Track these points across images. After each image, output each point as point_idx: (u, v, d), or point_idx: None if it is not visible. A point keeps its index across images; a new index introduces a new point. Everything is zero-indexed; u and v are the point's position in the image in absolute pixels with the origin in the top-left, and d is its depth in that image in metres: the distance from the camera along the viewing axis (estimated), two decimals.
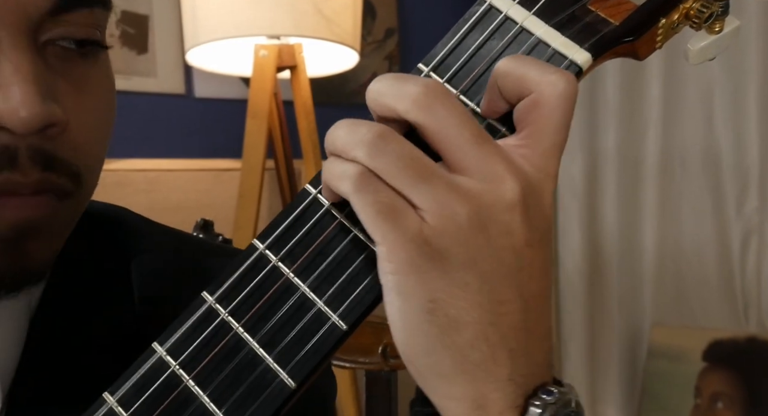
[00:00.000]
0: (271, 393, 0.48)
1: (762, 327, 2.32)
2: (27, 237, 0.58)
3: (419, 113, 0.47)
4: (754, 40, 2.30)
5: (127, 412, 0.49)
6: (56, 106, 0.57)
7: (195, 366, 0.49)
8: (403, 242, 0.46)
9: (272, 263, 0.50)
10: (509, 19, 0.51)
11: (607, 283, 2.49)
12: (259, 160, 1.96)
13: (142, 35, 2.30)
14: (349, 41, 1.96)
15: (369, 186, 0.47)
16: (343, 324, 0.48)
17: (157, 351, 0.50)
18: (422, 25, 2.74)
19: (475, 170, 0.47)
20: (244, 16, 1.86)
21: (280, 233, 0.50)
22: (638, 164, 2.47)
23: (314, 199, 0.51)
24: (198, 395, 0.49)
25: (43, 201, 0.58)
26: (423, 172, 0.47)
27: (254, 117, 1.97)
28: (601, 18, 0.51)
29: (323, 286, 0.49)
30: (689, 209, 2.44)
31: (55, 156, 0.59)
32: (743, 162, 2.36)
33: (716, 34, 0.53)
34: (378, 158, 0.47)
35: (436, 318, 0.47)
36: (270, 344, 0.49)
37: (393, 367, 1.19)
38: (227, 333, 0.49)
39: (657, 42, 0.53)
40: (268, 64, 1.96)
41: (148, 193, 2.23)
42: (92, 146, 0.63)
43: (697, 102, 2.41)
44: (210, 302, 0.50)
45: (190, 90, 2.38)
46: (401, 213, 0.46)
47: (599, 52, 0.50)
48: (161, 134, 2.32)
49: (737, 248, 2.39)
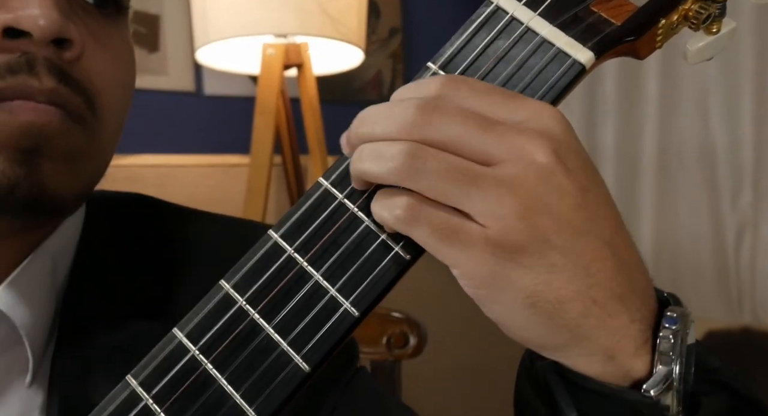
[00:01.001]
0: (286, 376, 0.49)
1: (755, 317, 2.33)
2: (41, 151, 0.58)
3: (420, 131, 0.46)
4: (748, 41, 2.30)
5: (149, 394, 0.50)
6: (73, 26, 0.59)
7: (213, 350, 0.50)
8: (476, 258, 0.46)
9: (287, 253, 0.51)
10: (515, 20, 0.51)
11: None
12: (266, 156, 1.95)
13: (153, 34, 2.30)
14: (354, 40, 1.96)
15: (421, 215, 0.46)
16: (355, 311, 0.49)
17: (177, 337, 0.51)
18: (425, 25, 2.74)
19: (502, 154, 0.46)
20: (252, 16, 1.86)
21: (294, 224, 0.51)
22: (636, 160, 2.47)
23: (327, 191, 0.51)
24: (216, 378, 0.50)
25: (56, 112, 0.59)
26: (467, 178, 0.45)
27: (262, 114, 1.97)
28: (603, 19, 0.51)
29: (336, 274, 0.50)
30: (685, 203, 2.44)
31: (70, 74, 0.60)
32: (738, 158, 2.36)
33: (714, 35, 0.53)
34: (418, 179, 0.46)
35: (539, 308, 0.46)
36: (285, 330, 0.50)
37: (397, 357, 1.19)
38: (244, 320, 0.50)
39: (657, 42, 0.53)
40: (276, 63, 1.96)
41: (159, 188, 2.22)
42: (108, 88, 0.64)
43: (693, 100, 2.41)
44: (227, 289, 0.51)
45: (199, 88, 2.38)
46: (461, 231, 0.45)
47: (602, 52, 0.50)
48: (172, 131, 2.32)
49: (732, 242, 2.39)
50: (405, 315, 1.19)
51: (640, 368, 0.48)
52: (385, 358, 1.19)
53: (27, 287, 0.65)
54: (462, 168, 0.46)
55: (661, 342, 0.48)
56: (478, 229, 0.45)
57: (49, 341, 0.67)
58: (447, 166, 0.45)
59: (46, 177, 0.59)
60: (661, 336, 0.48)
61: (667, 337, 0.48)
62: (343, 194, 0.51)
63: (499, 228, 0.45)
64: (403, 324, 1.19)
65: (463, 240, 0.45)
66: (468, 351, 2.38)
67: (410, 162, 0.45)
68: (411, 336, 1.19)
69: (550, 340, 0.48)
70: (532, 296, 0.46)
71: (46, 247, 0.68)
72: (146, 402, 0.50)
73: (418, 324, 1.20)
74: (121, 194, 0.79)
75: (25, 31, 0.57)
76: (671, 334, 0.48)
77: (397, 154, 0.46)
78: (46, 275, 0.67)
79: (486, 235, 0.45)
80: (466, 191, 0.45)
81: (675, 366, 0.48)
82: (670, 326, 0.48)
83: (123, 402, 0.51)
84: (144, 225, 0.77)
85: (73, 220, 0.71)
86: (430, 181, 0.45)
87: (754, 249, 2.36)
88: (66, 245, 0.70)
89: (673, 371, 0.48)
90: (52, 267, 0.68)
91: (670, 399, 0.48)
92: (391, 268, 0.49)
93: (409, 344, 1.19)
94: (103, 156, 0.66)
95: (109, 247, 0.73)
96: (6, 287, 0.64)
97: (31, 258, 0.66)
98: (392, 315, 1.19)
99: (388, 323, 1.19)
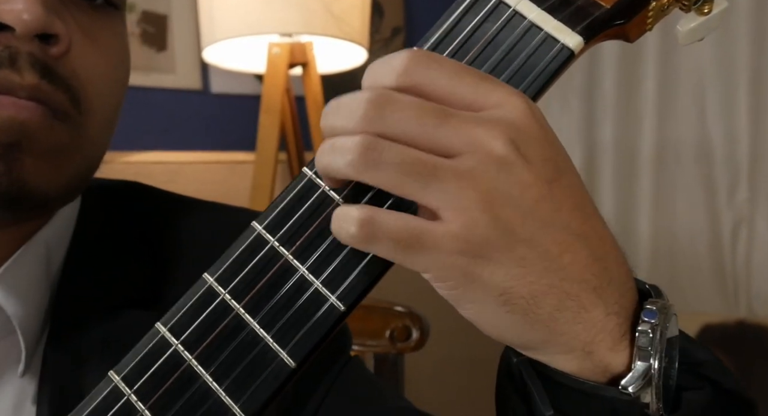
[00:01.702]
0: (272, 372, 0.47)
1: (751, 311, 2.32)
2: (21, 147, 0.57)
3: (373, 126, 0.44)
4: (744, 38, 2.29)
5: (131, 389, 0.49)
6: (60, 22, 0.58)
7: (197, 345, 0.48)
8: (444, 260, 0.44)
9: (271, 244, 0.49)
10: (503, 3, 0.49)
11: None
12: (272, 153, 1.95)
13: (161, 34, 2.29)
14: (358, 39, 1.96)
15: (377, 233, 0.44)
16: (341, 305, 0.47)
17: (160, 331, 0.49)
18: (427, 24, 2.71)
19: (459, 145, 0.43)
20: (257, 16, 1.86)
21: (278, 215, 0.49)
22: (634, 156, 2.46)
23: (311, 181, 0.49)
24: (201, 374, 0.48)
25: (37, 109, 0.57)
26: (426, 170, 0.43)
27: (267, 112, 1.96)
28: (592, 1, 0.49)
29: (321, 267, 0.48)
30: (682, 199, 2.43)
31: (54, 70, 0.58)
32: (734, 154, 2.35)
33: (705, 16, 0.51)
34: (377, 172, 0.44)
35: (514, 305, 0.45)
36: (270, 324, 0.48)
37: (400, 350, 1.19)
38: (228, 314, 0.48)
39: (647, 24, 0.51)
40: (281, 61, 1.95)
41: (167, 184, 2.21)
42: (96, 83, 0.62)
43: (690, 97, 2.40)
44: (211, 283, 0.49)
45: (206, 86, 2.38)
46: (424, 234, 0.43)
47: (591, 36, 0.48)
48: (179, 128, 2.32)
49: (728, 237, 2.38)
50: (407, 309, 1.19)
51: (619, 363, 0.47)
52: (388, 351, 1.19)
53: (20, 278, 0.64)
54: (420, 160, 0.43)
55: (640, 337, 0.46)
56: (441, 228, 0.43)
57: (43, 331, 0.66)
58: (404, 158, 0.43)
59: (27, 174, 0.58)
60: (639, 330, 0.46)
61: (645, 331, 0.46)
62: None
63: (463, 222, 0.43)
64: (406, 317, 1.19)
65: (428, 244, 0.43)
66: (470, 344, 2.38)
67: (366, 154, 0.43)
68: (413, 330, 1.18)
69: (528, 337, 0.47)
70: (505, 294, 0.44)
71: (39, 237, 0.66)
72: (128, 398, 0.49)
73: (421, 317, 1.19)
74: (114, 182, 0.78)
75: (8, 25, 0.56)
76: (650, 328, 0.46)
77: (352, 147, 0.44)
78: (39, 265, 0.66)
79: (450, 231, 0.43)
80: (426, 184, 0.43)
81: (654, 362, 0.46)
82: (649, 319, 0.46)
83: (106, 398, 0.49)
84: (137, 214, 0.75)
85: (68, 210, 0.70)
86: (387, 173, 0.43)
87: (750, 244, 2.35)
88: (61, 235, 0.69)
89: (652, 366, 0.46)
90: (46, 257, 0.67)
91: (650, 396, 0.46)
92: (377, 261, 0.47)
93: (411, 337, 1.18)
94: (92, 151, 0.65)
95: (103, 236, 0.71)
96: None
97: (24, 248, 0.65)
98: (395, 309, 1.19)
99: (391, 317, 1.19)
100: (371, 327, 1.17)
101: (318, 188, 0.49)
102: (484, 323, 0.46)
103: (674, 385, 0.48)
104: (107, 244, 0.71)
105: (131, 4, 2.22)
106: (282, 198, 0.50)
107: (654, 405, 0.46)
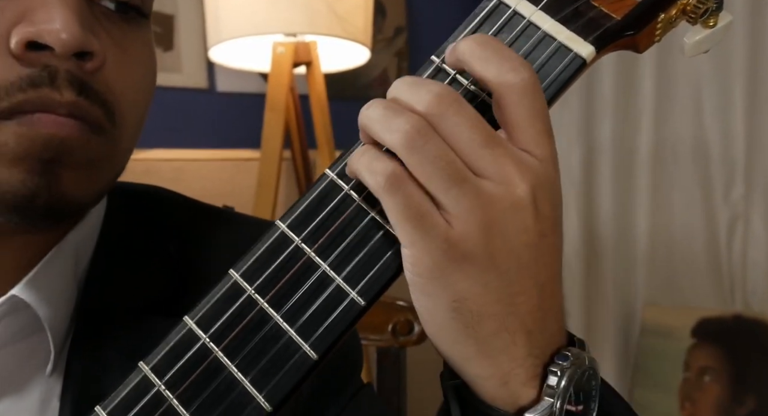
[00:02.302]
0: (294, 363, 0.48)
1: (746, 306, 2.32)
2: (61, 161, 0.58)
3: (433, 117, 0.47)
4: (740, 40, 2.29)
5: (161, 380, 0.50)
6: (95, 39, 0.58)
7: (224, 338, 0.49)
8: (429, 248, 0.46)
9: (295, 243, 0.50)
10: (517, 14, 0.51)
11: (602, 265, 2.49)
12: (276, 150, 1.95)
13: (168, 34, 2.29)
14: (361, 39, 1.95)
15: (400, 189, 0.46)
16: (361, 300, 0.49)
17: (188, 324, 0.50)
18: (429, 24, 2.74)
19: (491, 172, 0.46)
20: (262, 16, 1.86)
21: (301, 214, 0.50)
22: (632, 154, 2.46)
23: (333, 183, 0.51)
24: (227, 365, 0.49)
25: (75, 125, 0.58)
26: (457, 176, 0.46)
27: (272, 110, 1.96)
28: (603, 13, 0.50)
29: (343, 264, 0.49)
30: (680, 196, 2.43)
31: (91, 86, 0.59)
32: (730, 153, 2.36)
33: (711, 29, 0.53)
34: (415, 155, 0.46)
35: (460, 314, 0.48)
36: (293, 318, 0.49)
37: (402, 344, 1.19)
38: (253, 308, 0.50)
39: (656, 35, 0.53)
40: (285, 61, 1.95)
41: (174, 181, 2.22)
42: (129, 95, 0.63)
43: (687, 97, 2.40)
44: (236, 278, 0.50)
45: (212, 85, 2.38)
46: (429, 219, 0.46)
47: (602, 45, 0.50)
48: (186, 126, 2.32)
49: (724, 233, 2.38)
50: (410, 304, 1.19)
51: (528, 397, 0.50)
52: (390, 345, 1.19)
53: (50, 280, 0.65)
54: (454, 165, 0.46)
55: (549, 376, 0.49)
56: (444, 225, 0.46)
57: (69, 330, 0.67)
58: (443, 156, 0.46)
59: (65, 187, 0.59)
60: (549, 369, 0.50)
61: (555, 372, 0.49)
62: (349, 186, 0.50)
63: (461, 230, 0.46)
64: (408, 312, 1.19)
65: (428, 230, 0.46)
66: None
67: (414, 137, 0.46)
68: (416, 324, 1.18)
69: (458, 348, 0.49)
70: (458, 302, 0.47)
71: (70, 239, 0.67)
72: (158, 389, 0.50)
73: None
74: (140, 187, 0.78)
75: (47, 45, 0.56)
76: (559, 369, 0.49)
77: (405, 126, 0.46)
78: (68, 268, 0.67)
79: (448, 233, 0.46)
80: (450, 187, 0.46)
81: (557, 400, 0.49)
82: (560, 361, 0.50)
83: (135, 388, 0.50)
84: (160, 221, 0.76)
85: (95, 212, 0.71)
86: (422, 162, 0.46)
87: (746, 241, 2.35)
88: (88, 236, 0.70)
89: (554, 404, 0.49)
90: (74, 259, 0.68)
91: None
92: (395, 259, 0.49)
93: (413, 331, 1.19)
94: (123, 158, 0.66)
95: (127, 241, 0.72)
96: (31, 279, 0.64)
97: (55, 251, 0.66)
98: (397, 304, 1.19)
99: (394, 311, 1.19)
100: (374, 321, 1.18)
101: (340, 189, 0.51)
102: (428, 318, 0.49)
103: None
104: (131, 249, 0.72)
105: None
106: (305, 198, 0.51)
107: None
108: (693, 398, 2.15)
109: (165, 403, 0.49)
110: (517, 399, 0.50)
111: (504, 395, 0.50)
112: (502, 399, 0.50)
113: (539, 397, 0.49)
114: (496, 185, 0.46)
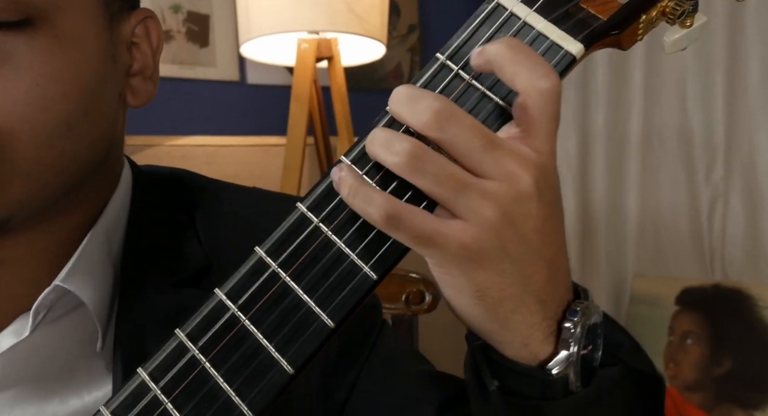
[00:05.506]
0: (313, 331, 0.49)
1: (725, 276, 2.32)
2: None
3: (431, 133, 0.47)
4: (720, 36, 2.27)
5: (196, 346, 0.50)
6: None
7: (250, 308, 0.50)
8: (448, 258, 0.47)
9: (314, 223, 0.50)
10: (513, 15, 0.51)
11: (596, 241, 2.49)
12: (301, 137, 1.95)
13: (204, 32, 2.29)
14: (377, 35, 1.95)
15: (408, 219, 0.46)
16: (373, 274, 0.49)
17: (218, 296, 0.51)
18: (440, 22, 2.72)
19: (494, 173, 0.46)
20: (288, 15, 1.85)
21: (319, 197, 0.51)
22: (623, 140, 2.46)
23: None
24: (253, 332, 0.50)
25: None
26: (459, 185, 0.46)
27: (297, 100, 1.96)
28: (591, 14, 0.51)
29: (356, 242, 0.49)
30: (666, 178, 2.43)
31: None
32: (711, 138, 2.35)
33: (687, 28, 0.53)
34: (417, 175, 0.46)
35: (482, 300, 0.49)
36: (312, 291, 0.49)
37: (414, 312, 1.19)
38: (276, 282, 0.50)
39: (638, 34, 0.53)
40: (309, 56, 1.95)
41: (208, 165, 2.23)
42: (12, 111, 0.55)
43: (672, 88, 2.39)
44: (261, 255, 0.51)
45: (243, 78, 2.38)
46: (440, 237, 0.46)
47: (590, 44, 0.50)
48: (219, 115, 2.32)
49: (705, 211, 2.37)
50: (422, 276, 1.19)
51: (546, 351, 0.51)
52: (404, 313, 1.19)
53: (88, 265, 0.65)
54: (454, 176, 0.46)
55: (563, 332, 0.51)
56: (457, 232, 0.46)
57: (111, 308, 0.67)
58: (441, 172, 0.46)
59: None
60: (563, 326, 0.51)
61: (568, 328, 0.51)
62: (363, 171, 0.50)
63: (473, 234, 0.46)
64: (420, 283, 1.19)
65: (437, 244, 0.46)
66: None
67: (411, 162, 0.46)
68: (427, 294, 1.18)
69: (485, 325, 0.51)
70: (480, 291, 0.48)
71: (98, 228, 0.66)
72: (193, 353, 0.50)
73: (433, 283, 1.19)
74: (163, 170, 0.78)
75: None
76: (572, 325, 0.51)
77: (401, 151, 0.46)
78: (102, 252, 0.67)
79: (459, 239, 0.46)
80: (454, 197, 0.46)
81: (573, 349, 0.51)
82: (571, 317, 0.51)
83: (172, 352, 0.51)
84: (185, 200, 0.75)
85: (121, 196, 0.70)
86: (425, 181, 0.46)
87: (725, 218, 2.35)
88: (117, 220, 0.69)
89: (571, 354, 0.51)
90: (106, 244, 0.67)
91: (572, 374, 0.51)
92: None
93: (425, 300, 1.19)
94: (37, 168, 0.57)
95: (155, 220, 0.72)
96: (70, 268, 0.64)
97: (88, 239, 0.65)
98: (410, 276, 1.19)
99: (407, 282, 1.19)
100: (389, 291, 1.18)
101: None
102: (456, 305, 0.50)
103: (597, 366, 0.53)
104: (160, 227, 0.72)
105: (177, 6, 2.21)
106: (322, 182, 0.51)
107: (574, 381, 0.52)
108: (676, 359, 2.15)
109: (199, 366, 0.50)
110: (537, 355, 0.51)
111: (525, 353, 0.51)
112: (524, 357, 0.51)
113: (556, 349, 0.51)
114: (499, 183, 0.46)
